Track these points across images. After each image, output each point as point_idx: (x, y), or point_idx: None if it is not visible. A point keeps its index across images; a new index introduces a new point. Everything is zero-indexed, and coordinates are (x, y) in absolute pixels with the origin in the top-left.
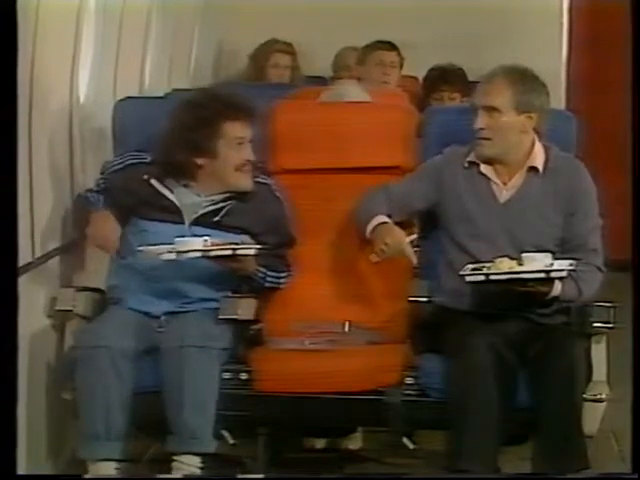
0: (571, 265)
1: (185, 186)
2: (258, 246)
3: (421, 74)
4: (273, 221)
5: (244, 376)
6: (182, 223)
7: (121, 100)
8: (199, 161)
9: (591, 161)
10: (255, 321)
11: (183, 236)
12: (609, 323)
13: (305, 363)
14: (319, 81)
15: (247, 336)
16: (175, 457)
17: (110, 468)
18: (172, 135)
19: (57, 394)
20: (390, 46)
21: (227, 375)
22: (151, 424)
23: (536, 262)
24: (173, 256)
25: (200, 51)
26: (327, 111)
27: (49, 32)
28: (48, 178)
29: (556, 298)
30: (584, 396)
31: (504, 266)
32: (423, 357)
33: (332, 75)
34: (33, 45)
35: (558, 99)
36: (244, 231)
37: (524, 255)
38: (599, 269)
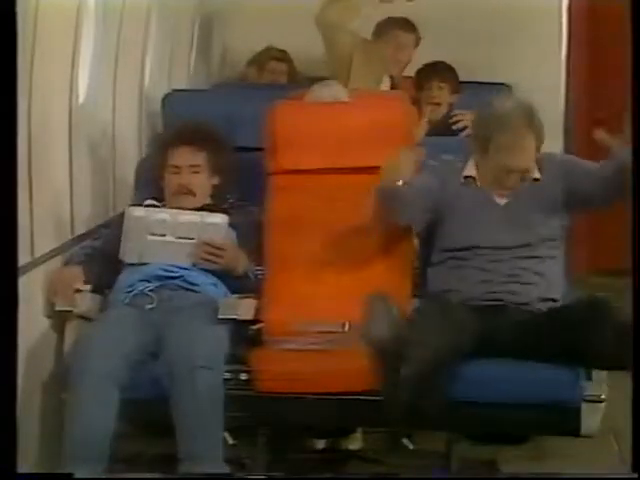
0: None
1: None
2: (225, 216)
3: None
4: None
5: (244, 376)
6: None
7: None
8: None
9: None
10: (255, 321)
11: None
12: None
13: (305, 363)
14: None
15: (247, 336)
16: None
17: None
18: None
19: (56, 394)
20: (409, 27)
21: (227, 375)
22: (148, 429)
23: None
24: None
25: (200, 51)
26: (327, 111)
27: (49, 32)
28: (48, 178)
29: None
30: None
31: None
32: None
33: None
34: (33, 45)
35: (558, 99)
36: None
37: None
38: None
